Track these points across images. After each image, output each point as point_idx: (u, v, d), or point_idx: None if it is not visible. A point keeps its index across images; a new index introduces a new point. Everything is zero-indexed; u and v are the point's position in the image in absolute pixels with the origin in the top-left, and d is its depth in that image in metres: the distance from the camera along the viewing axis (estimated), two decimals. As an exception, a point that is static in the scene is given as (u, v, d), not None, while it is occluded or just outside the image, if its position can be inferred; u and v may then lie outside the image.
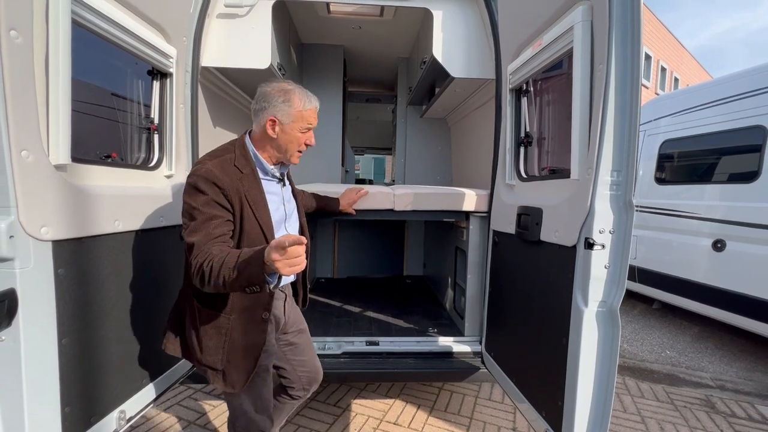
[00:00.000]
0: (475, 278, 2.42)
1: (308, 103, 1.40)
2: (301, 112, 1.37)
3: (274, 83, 1.39)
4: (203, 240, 1.21)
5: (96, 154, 1.66)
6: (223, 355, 1.35)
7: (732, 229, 3.60)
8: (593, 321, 1.33)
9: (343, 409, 2.58)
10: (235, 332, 1.36)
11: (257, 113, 1.39)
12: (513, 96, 2.05)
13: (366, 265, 4.31)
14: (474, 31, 2.48)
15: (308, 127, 1.41)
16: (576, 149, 1.44)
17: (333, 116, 4.06)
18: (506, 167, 2.09)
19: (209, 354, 1.35)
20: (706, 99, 4.09)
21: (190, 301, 1.39)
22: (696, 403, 2.84)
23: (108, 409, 1.46)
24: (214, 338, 1.35)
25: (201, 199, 1.24)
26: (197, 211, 1.23)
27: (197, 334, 1.36)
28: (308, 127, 1.41)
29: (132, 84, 1.80)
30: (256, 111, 1.39)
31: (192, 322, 1.38)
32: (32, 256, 1.11)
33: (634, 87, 1.25)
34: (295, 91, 1.38)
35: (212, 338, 1.35)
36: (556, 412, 1.45)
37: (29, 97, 1.12)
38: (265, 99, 1.36)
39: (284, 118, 1.36)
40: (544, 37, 1.64)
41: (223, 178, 1.27)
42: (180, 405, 2.59)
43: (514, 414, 2.59)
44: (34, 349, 1.12)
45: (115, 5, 1.47)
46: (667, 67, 17.67)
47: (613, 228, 1.31)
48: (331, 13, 3.18)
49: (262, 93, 1.38)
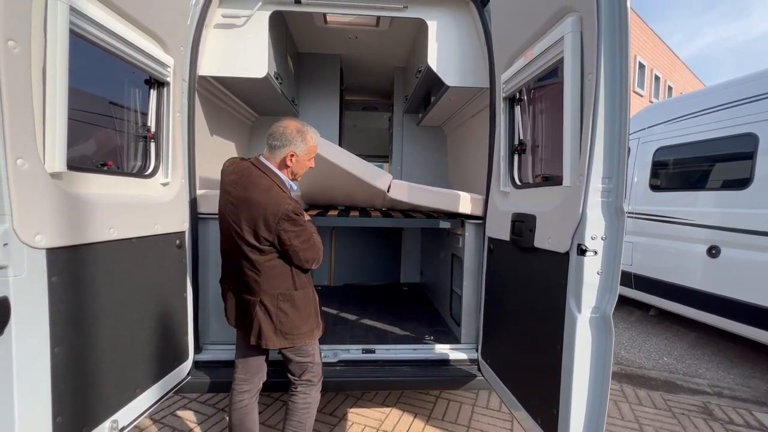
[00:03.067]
0: (471, 285, 2.42)
1: (316, 138, 1.75)
2: (313, 146, 1.74)
3: (290, 123, 1.68)
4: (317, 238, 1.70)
5: (92, 162, 1.67)
6: (309, 319, 1.73)
7: (726, 235, 3.62)
8: (587, 327, 1.34)
9: (340, 419, 2.56)
10: (308, 296, 1.74)
11: (278, 148, 1.66)
12: (506, 104, 2.08)
13: (363, 273, 4.31)
14: (468, 40, 2.52)
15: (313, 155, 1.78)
16: (568, 157, 1.46)
17: (330, 124, 4.09)
18: (500, 174, 2.11)
19: (302, 325, 1.70)
20: (698, 107, 4.14)
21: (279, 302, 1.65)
22: (694, 410, 2.84)
23: (100, 418, 1.44)
24: (307, 307, 1.72)
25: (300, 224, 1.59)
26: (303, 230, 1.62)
27: (299, 316, 1.69)
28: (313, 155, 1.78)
29: (129, 93, 1.82)
30: (276, 147, 1.66)
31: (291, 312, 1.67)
32: (26, 264, 1.11)
33: (623, 95, 1.27)
34: (308, 132, 1.71)
35: (303, 312, 1.70)
36: (551, 420, 1.45)
37: (26, 106, 1.13)
38: (286, 138, 1.65)
39: (300, 152, 1.69)
40: (535, 47, 1.67)
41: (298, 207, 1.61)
42: (174, 415, 2.56)
43: (511, 422, 2.57)
44: (25, 358, 1.12)
45: (113, 16, 1.50)
46: (661, 76, 17.91)
47: (605, 234, 1.32)
48: (328, 24, 3.23)
49: (281, 133, 1.65)
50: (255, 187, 1.59)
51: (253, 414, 1.80)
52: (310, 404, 1.78)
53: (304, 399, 1.76)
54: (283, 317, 1.65)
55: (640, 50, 16.21)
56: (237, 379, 1.80)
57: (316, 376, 1.81)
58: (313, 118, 4.05)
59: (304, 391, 1.77)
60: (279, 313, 1.64)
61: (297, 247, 1.60)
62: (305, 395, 1.77)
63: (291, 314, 1.66)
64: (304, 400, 1.76)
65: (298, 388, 1.77)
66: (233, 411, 1.77)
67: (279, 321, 1.65)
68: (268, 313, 1.64)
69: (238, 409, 1.76)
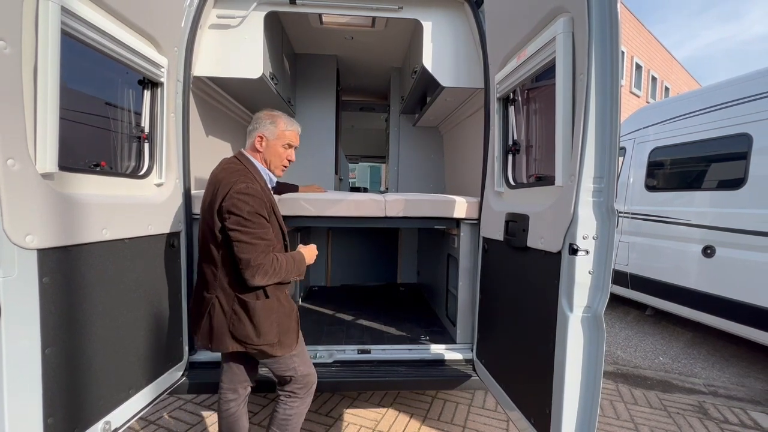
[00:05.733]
0: (467, 285, 2.42)
1: (290, 126, 1.69)
2: (284, 131, 1.67)
3: (264, 111, 1.68)
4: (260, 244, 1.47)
5: (85, 163, 1.66)
6: (275, 329, 1.58)
7: (721, 235, 3.64)
8: (578, 326, 1.34)
9: (335, 419, 2.55)
10: (279, 307, 1.61)
11: (250, 133, 1.67)
12: (500, 105, 2.09)
13: (360, 273, 4.31)
14: (463, 41, 2.53)
15: (289, 145, 1.69)
16: (559, 157, 1.46)
17: (327, 124, 4.09)
18: (495, 175, 2.11)
19: (265, 334, 1.56)
20: (693, 107, 4.16)
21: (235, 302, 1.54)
22: (689, 409, 2.84)
23: (93, 419, 1.44)
24: (267, 319, 1.56)
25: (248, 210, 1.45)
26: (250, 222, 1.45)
27: (252, 323, 1.54)
28: (289, 145, 1.69)
29: (123, 93, 1.82)
30: (249, 132, 1.68)
31: (245, 316, 1.54)
32: (16, 265, 1.11)
33: (614, 96, 1.28)
34: (281, 116, 1.68)
35: (266, 320, 1.56)
36: (544, 419, 1.45)
37: (16, 106, 1.12)
38: (257, 121, 1.66)
39: (270, 136, 1.65)
40: (528, 48, 1.68)
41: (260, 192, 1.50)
42: (169, 416, 2.55)
43: (507, 423, 2.57)
44: (16, 359, 1.11)
45: (106, 16, 1.49)
46: (658, 77, 17.98)
47: (596, 234, 1.33)
48: (324, 24, 3.23)
49: (255, 118, 1.67)
50: (224, 169, 1.57)
51: (242, 421, 1.75)
52: (291, 417, 1.68)
53: (284, 411, 1.68)
54: (236, 321, 1.53)
55: (637, 51, 16.27)
56: (222, 388, 1.74)
57: (302, 388, 1.70)
58: (310, 118, 4.04)
59: (286, 402, 1.69)
60: (233, 316, 1.53)
61: (236, 237, 1.44)
62: (286, 407, 1.68)
63: (245, 321, 1.53)
64: (284, 412, 1.67)
65: (281, 398, 1.70)
66: (221, 419, 1.73)
67: (232, 323, 1.53)
68: (223, 313, 1.53)
69: (226, 417, 1.72)
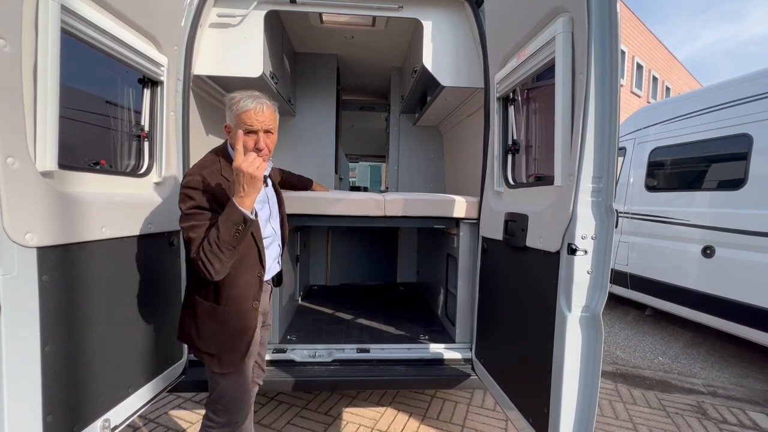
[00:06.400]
0: (466, 285, 2.42)
1: (245, 105, 1.40)
2: (239, 114, 1.40)
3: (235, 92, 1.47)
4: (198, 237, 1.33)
5: (85, 162, 1.67)
6: (218, 341, 1.45)
7: (721, 235, 3.64)
8: (577, 326, 1.34)
9: (334, 418, 2.56)
10: (230, 320, 1.45)
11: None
12: (500, 104, 2.09)
13: (359, 273, 4.31)
14: (463, 41, 2.53)
15: (249, 129, 1.40)
16: (559, 156, 1.46)
17: (327, 124, 4.09)
18: (494, 174, 2.12)
19: (206, 340, 1.46)
20: (693, 108, 4.16)
21: (191, 296, 1.49)
22: (688, 409, 2.85)
23: (92, 417, 1.44)
24: (211, 326, 1.45)
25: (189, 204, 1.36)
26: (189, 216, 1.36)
27: (195, 324, 1.47)
28: (249, 129, 1.40)
29: (123, 91, 1.82)
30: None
31: (191, 314, 1.48)
32: (16, 263, 1.11)
33: (613, 95, 1.27)
34: (237, 98, 1.43)
35: (209, 326, 1.46)
36: (542, 419, 1.45)
37: (16, 104, 1.13)
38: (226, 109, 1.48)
39: (231, 122, 1.45)
40: (527, 48, 1.68)
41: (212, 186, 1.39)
42: (168, 414, 2.56)
43: (505, 422, 2.58)
44: (15, 357, 1.11)
45: (106, 15, 1.49)
46: (659, 77, 17.96)
47: (595, 234, 1.33)
48: (324, 23, 3.23)
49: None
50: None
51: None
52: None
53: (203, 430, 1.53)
54: (186, 317, 1.50)
55: (638, 51, 16.25)
56: None
57: (219, 415, 1.49)
58: (310, 118, 4.05)
59: (205, 421, 1.52)
60: (186, 310, 1.51)
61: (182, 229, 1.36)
62: (204, 427, 1.52)
63: (189, 320, 1.48)
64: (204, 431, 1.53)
65: (204, 412, 1.55)
66: None
67: (183, 318, 1.52)
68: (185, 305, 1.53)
69: None
